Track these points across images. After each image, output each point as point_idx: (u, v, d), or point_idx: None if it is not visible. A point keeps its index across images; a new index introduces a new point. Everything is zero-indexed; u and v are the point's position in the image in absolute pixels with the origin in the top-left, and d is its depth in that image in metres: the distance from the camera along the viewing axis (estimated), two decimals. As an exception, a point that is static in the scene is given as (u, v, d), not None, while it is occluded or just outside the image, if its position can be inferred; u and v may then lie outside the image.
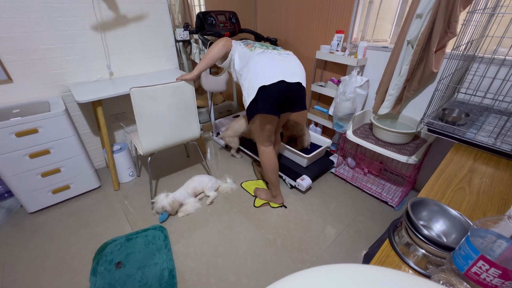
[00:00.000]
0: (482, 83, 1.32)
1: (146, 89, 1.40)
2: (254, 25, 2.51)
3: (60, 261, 1.37)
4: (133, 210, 1.71)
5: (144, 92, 1.40)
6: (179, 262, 1.37)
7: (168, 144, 1.63)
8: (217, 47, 1.42)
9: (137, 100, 1.39)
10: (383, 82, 1.63)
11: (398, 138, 1.56)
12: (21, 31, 1.52)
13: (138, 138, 1.57)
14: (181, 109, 1.58)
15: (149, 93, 1.42)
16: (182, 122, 1.62)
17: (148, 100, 1.43)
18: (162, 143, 1.60)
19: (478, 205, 0.73)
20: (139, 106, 1.41)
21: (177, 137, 1.65)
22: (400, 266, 0.58)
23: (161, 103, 1.48)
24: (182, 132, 1.66)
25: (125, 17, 1.86)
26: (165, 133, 1.58)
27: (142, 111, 1.44)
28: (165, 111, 1.51)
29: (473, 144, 1.00)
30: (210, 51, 1.43)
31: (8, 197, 1.70)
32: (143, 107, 1.43)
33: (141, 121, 1.46)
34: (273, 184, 1.65)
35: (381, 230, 1.56)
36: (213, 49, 1.42)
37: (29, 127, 1.43)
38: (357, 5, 1.66)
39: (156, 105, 1.47)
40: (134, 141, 1.69)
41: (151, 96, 1.43)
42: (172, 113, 1.55)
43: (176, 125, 1.60)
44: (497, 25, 1.18)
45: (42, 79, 1.68)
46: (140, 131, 1.48)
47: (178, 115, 1.58)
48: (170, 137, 1.61)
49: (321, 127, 2.24)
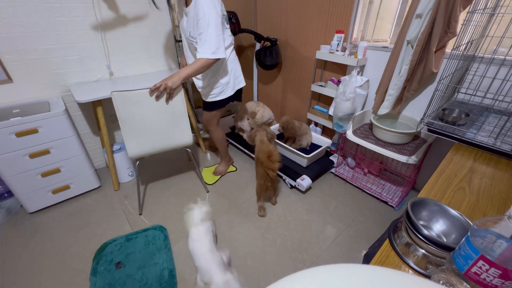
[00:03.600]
0: (482, 83, 1.32)
1: (129, 94, 1.33)
2: (254, 25, 2.51)
3: (60, 261, 1.37)
4: (133, 210, 1.71)
5: (126, 97, 1.34)
6: (179, 262, 1.37)
7: (157, 150, 1.54)
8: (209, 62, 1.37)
9: (119, 104, 1.34)
10: (383, 82, 1.63)
11: (398, 138, 1.56)
12: (21, 31, 1.52)
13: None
14: (168, 115, 1.48)
15: (131, 97, 1.35)
16: (171, 128, 1.52)
17: (131, 105, 1.36)
18: (149, 148, 1.51)
19: (478, 205, 0.73)
20: (121, 110, 1.35)
21: (167, 143, 1.55)
22: (400, 266, 0.58)
23: (146, 108, 1.40)
24: (172, 138, 1.55)
25: (125, 17, 1.86)
26: (152, 138, 1.49)
27: (125, 116, 1.37)
28: (150, 116, 1.43)
29: (473, 144, 1.00)
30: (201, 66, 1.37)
31: (8, 197, 1.70)
32: (126, 111, 1.36)
33: (125, 125, 1.39)
34: (224, 151, 2.01)
35: (381, 230, 1.56)
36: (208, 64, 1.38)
37: (29, 127, 1.43)
38: (357, 5, 1.66)
39: (141, 110, 1.39)
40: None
41: (135, 101, 1.36)
42: (159, 118, 1.46)
43: (165, 131, 1.51)
44: (497, 25, 1.18)
45: (42, 79, 1.68)
46: (124, 135, 1.42)
47: (166, 121, 1.49)
48: (158, 143, 1.52)
49: (321, 127, 2.24)
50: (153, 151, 1.54)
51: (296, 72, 2.30)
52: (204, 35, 1.31)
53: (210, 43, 1.32)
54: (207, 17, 1.28)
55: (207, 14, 1.28)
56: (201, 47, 1.34)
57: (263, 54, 2.22)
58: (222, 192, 1.89)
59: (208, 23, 1.29)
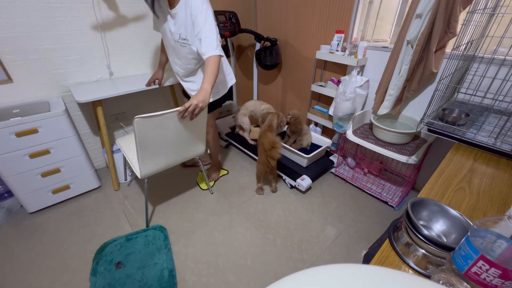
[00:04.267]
0: (482, 83, 1.32)
1: (153, 119, 1.20)
2: (254, 25, 2.51)
3: (60, 261, 1.37)
4: (133, 210, 1.71)
5: (150, 121, 1.20)
6: (179, 262, 1.37)
7: (170, 165, 1.49)
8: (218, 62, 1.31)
9: (141, 131, 1.20)
10: (383, 82, 1.63)
11: (398, 138, 1.56)
12: (21, 31, 1.52)
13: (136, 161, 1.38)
14: (189, 131, 1.41)
15: (156, 121, 1.22)
16: (189, 142, 1.47)
17: (154, 128, 1.24)
18: (163, 165, 1.45)
19: (478, 205, 0.73)
20: (142, 136, 1.23)
21: (181, 158, 1.52)
22: (400, 266, 0.58)
23: (169, 129, 1.30)
24: (187, 152, 1.51)
25: (125, 17, 1.86)
26: (169, 156, 1.43)
27: (144, 140, 1.25)
28: (172, 136, 1.34)
29: (473, 144, 1.00)
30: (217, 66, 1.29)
31: (8, 197, 1.70)
32: (147, 136, 1.24)
33: (143, 150, 1.29)
34: (216, 154, 1.97)
35: (381, 230, 1.56)
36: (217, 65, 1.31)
37: (29, 127, 1.42)
38: (357, 5, 1.66)
39: (163, 132, 1.28)
40: (131, 163, 1.48)
41: (159, 124, 1.24)
42: (180, 136, 1.38)
43: (183, 146, 1.45)
44: (497, 25, 1.18)
45: (42, 79, 1.67)
46: (140, 159, 1.31)
47: (186, 137, 1.42)
48: (174, 159, 1.48)
49: (321, 127, 2.24)
50: (166, 167, 1.48)
51: (296, 72, 2.30)
52: (204, 32, 1.26)
53: (211, 39, 1.27)
54: (204, 13, 1.24)
55: (204, 10, 1.24)
56: (206, 46, 1.27)
57: (263, 54, 2.22)
58: (222, 192, 1.89)
59: (205, 19, 1.25)
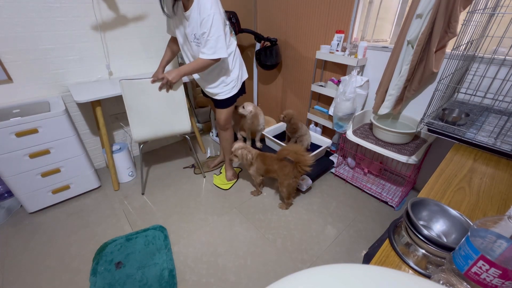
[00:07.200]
0: (482, 83, 1.32)
1: (135, 82, 1.50)
2: (254, 25, 2.51)
3: (60, 261, 1.37)
4: (133, 210, 1.71)
5: (133, 84, 1.50)
6: (179, 262, 1.37)
7: (159, 135, 1.70)
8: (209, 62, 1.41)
9: (126, 92, 1.50)
10: (383, 82, 1.63)
11: (398, 138, 1.56)
12: (21, 31, 1.52)
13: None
14: (169, 104, 1.63)
15: (137, 85, 1.51)
16: (171, 116, 1.67)
17: (137, 93, 1.52)
18: (152, 133, 1.67)
19: (478, 205, 0.73)
20: (128, 98, 1.52)
21: (167, 129, 1.71)
22: (400, 266, 0.58)
23: (150, 97, 1.56)
24: (173, 124, 1.71)
25: (125, 17, 1.86)
26: (155, 124, 1.65)
27: (131, 103, 1.53)
28: (153, 104, 1.59)
29: (473, 144, 0.99)
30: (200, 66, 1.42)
31: (8, 197, 1.70)
32: (132, 99, 1.53)
33: (131, 112, 1.55)
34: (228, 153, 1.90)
35: (381, 230, 1.56)
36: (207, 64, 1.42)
37: (29, 127, 1.43)
38: (357, 5, 1.66)
39: (145, 98, 1.55)
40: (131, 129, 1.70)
41: (140, 89, 1.52)
42: (161, 106, 1.61)
43: (166, 117, 1.67)
44: (497, 25, 1.18)
45: (42, 79, 1.68)
46: (130, 120, 1.57)
47: (167, 109, 1.64)
48: (160, 128, 1.69)
49: (321, 127, 2.24)
50: (156, 136, 1.70)
51: (296, 72, 2.30)
52: (206, 35, 1.32)
53: (211, 43, 1.34)
54: (211, 17, 1.28)
55: (211, 14, 1.28)
56: (203, 48, 1.36)
57: (263, 54, 2.22)
58: (222, 192, 1.89)
59: (211, 23, 1.29)
